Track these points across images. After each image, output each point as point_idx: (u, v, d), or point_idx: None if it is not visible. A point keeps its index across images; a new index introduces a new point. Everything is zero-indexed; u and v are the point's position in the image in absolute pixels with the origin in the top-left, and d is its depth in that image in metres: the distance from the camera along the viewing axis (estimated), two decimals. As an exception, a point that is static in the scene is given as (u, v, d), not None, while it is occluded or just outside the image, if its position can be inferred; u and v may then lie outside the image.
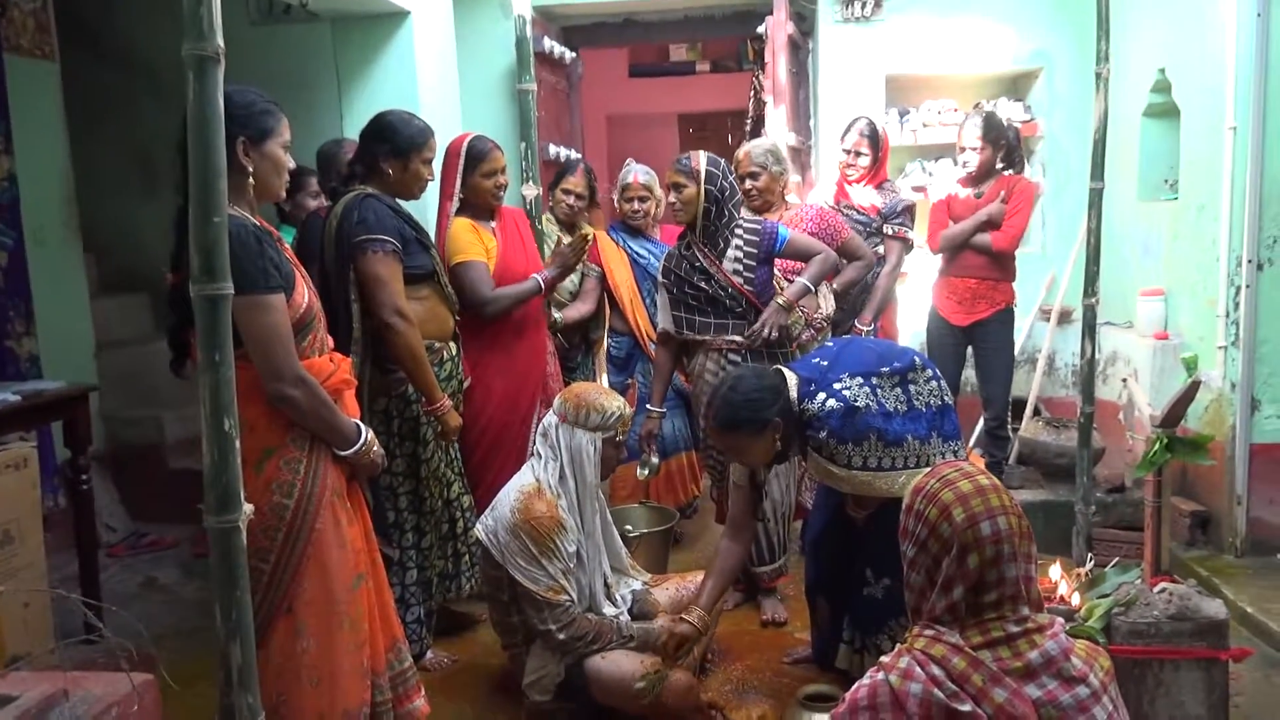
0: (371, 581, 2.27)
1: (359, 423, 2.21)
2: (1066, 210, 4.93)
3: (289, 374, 2.03)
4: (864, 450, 2.49)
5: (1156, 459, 2.57)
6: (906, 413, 2.55)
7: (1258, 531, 3.71)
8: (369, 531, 2.34)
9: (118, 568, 4.09)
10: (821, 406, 2.52)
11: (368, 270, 2.72)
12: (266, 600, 2.06)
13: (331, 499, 2.13)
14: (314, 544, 2.08)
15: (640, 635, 2.73)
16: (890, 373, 2.59)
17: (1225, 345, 3.73)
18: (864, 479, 2.51)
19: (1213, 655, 2.35)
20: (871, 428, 2.48)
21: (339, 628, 2.11)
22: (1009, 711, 1.44)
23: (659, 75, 9.50)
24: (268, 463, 2.06)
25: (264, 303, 1.99)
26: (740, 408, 2.55)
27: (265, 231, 2.07)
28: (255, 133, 2.04)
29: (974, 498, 1.52)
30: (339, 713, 2.12)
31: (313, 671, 2.08)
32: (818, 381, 2.59)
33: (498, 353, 3.34)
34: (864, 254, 3.70)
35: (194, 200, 1.42)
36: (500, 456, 3.34)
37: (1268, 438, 3.69)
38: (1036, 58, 4.95)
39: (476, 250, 3.26)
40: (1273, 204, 3.60)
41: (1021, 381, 4.82)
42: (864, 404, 2.51)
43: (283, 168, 2.13)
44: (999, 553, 1.49)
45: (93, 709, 1.67)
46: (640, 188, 3.97)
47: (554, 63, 5.11)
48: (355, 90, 4.10)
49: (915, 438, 2.53)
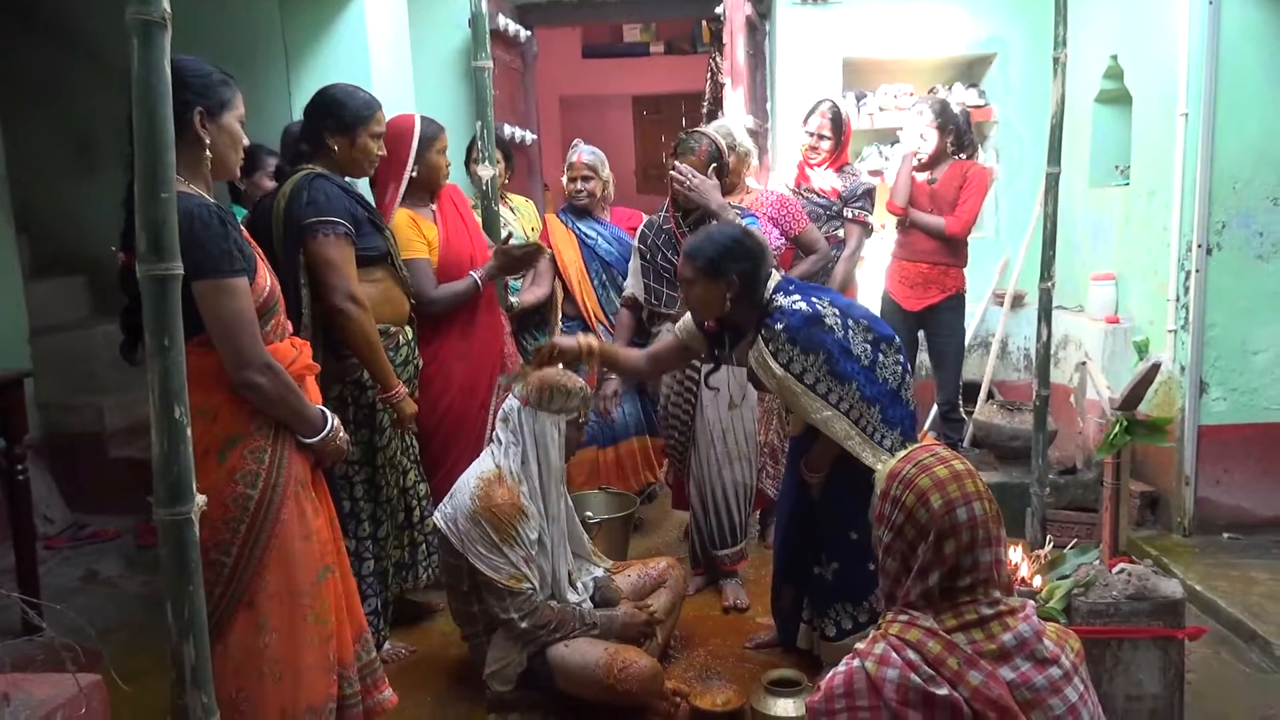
0: (338, 571, 2.21)
1: (324, 409, 2.15)
2: (1020, 195, 4.99)
3: (256, 360, 1.96)
4: (807, 362, 2.53)
5: (1117, 441, 2.61)
6: (865, 368, 2.58)
7: (1204, 511, 3.80)
8: (334, 521, 2.28)
9: (57, 560, 3.95)
10: (791, 303, 2.57)
11: (318, 253, 2.62)
12: (227, 593, 1.99)
13: (296, 489, 2.07)
14: (278, 535, 2.02)
15: (603, 623, 2.70)
16: (868, 326, 2.64)
17: (1175, 329, 3.80)
18: (793, 388, 2.54)
19: (1170, 634, 2.40)
20: (825, 346, 2.53)
21: (303, 621, 2.05)
22: (984, 694, 1.44)
23: (613, 56, 9.41)
24: (231, 452, 1.99)
25: (229, 287, 1.92)
26: (709, 245, 2.60)
27: (228, 212, 1.99)
28: (214, 104, 1.95)
29: (950, 484, 1.52)
30: (303, 708, 2.05)
31: (275, 666, 2.02)
32: (799, 288, 2.66)
33: (454, 337, 3.26)
34: (820, 247, 3.65)
35: (140, 175, 1.34)
36: (459, 443, 3.27)
37: (1215, 419, 3.78)
38: (991, 43, 4.98)
39: (417, 246, 3.17)
40: (1222, 189, 3.67)
41: (975, 365, 4.87)
42: (829, 324, 2.55)
43: (239, 142, 2.05)
44: (974, 538, 1.50)
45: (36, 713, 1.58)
46: (584, 167, 3.91)
47: (508, 41, 5.02)
48: (304, 66, 3.97)
49: (860, 391, 2.55)
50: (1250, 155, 3.66)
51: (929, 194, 4.15)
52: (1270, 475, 3.80)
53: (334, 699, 2.14)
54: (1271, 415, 3.78)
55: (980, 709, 1.44)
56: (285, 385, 2.01)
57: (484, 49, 3.44)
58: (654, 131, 10.59)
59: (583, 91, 9.49)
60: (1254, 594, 3.27)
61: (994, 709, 1.44)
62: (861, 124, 5.01)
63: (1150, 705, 2.44)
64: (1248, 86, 3.63)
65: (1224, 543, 3.72)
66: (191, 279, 1.86)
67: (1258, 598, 3.24)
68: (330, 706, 2.12)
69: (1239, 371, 3.76)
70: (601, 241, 3.92)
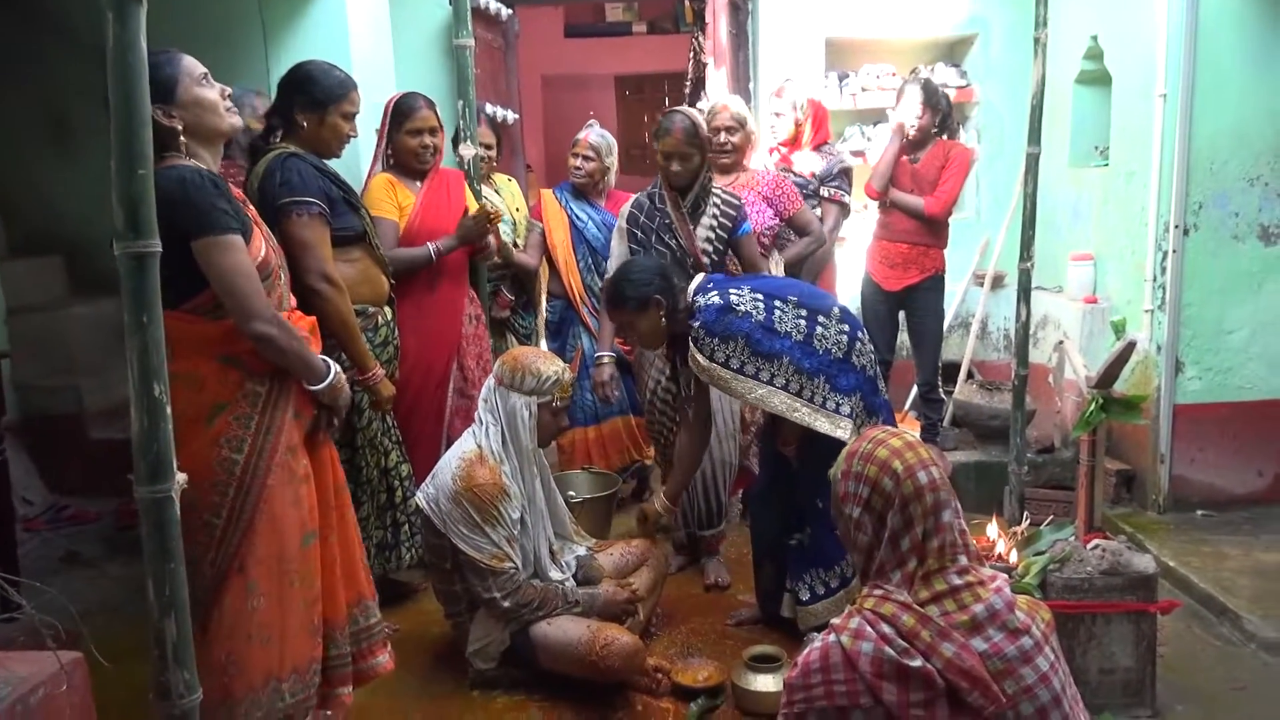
0: (337, 536, 2.26)
1: (327, 359, 2.20)
2: (1000, 176, 5.01)
3: (265, 311, 2.00)
4: (729, 349, 2.70)
5: (1092, 419, 2.64)
6: (799, 341, 2.70)
7: (1179, 489, 3.86)
8: (341, 487, 2.33)
9: (36, 542, 3.92)
10: (707, 300, 2.76)
11: (292, 234, 2.57)
12: (219, 556, 2.04)
13: (285, 457, 2.09)
14: (266, 500, 2.05)
15: (585, 601, 2.72)
16: (799, 303, 2.76)
17: (1152, 309, 3.84)
18: (721, 375, 2.72)
19: (1143, 608, 2.44)
20: (741, 331, 2.69)
21: (289, 585, 2.09)
22: (957, 665, 1.48)
23: (595, 35, 9.35)
24: (218, 418, 2.02)
25: (226, 243, 1.95)
26: (624, 284, 2.82)
27: (219, 177, 2.00)
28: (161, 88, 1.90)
29: (906, 451, 1.59)
30: (288, 669, 2.10)
31: (263, 630, 2.06)
32: (718, 284, 2.83)
33: (408, 311, 3.16)
34: (814, 229, 3.66)
35: (117, 152, 1.33)
36: (416, 421, 3.24)
37: (1190, 398, 3.82)
38: (973, 23, 4.98)
39: (385, 207, 3.15)
40: (1200, 170, 3.70)
41: (956, 346, 4.90)
42: (744, 310, 2.70)
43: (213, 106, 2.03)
44: (937, 500, 1.55)
45: (16, 690, 1.58)
46: (588, 146, 3.89)
47: (490, 19, 4.97)
48: (283, 44, 3.91)
49: (794, 364, 2.67)
50: (1227, 136, 3.69)
51: (911, 174, 4.15)
52: (1243, 453, 3.86)
53: (317, 660, 2.18)
54: (1245, 394, 3.83)
55: (953, 680, 1.47)
56: (294, 335, 2.07)
57: (465, 27, 3.42)
58: (637, 111, 10.55)
59: (565, 71, 9.44)
60: (1225, 569, 3.33)
61: (966, 679, 1.47)
62: (844, 104, 5.01)
63: (1123, 678, 2.49)
64: (1225, 68, 3.65)
65: (1197, 520, 3.78)
66: (191, 239, 1.92)
67: (1229, 573, 3.30)
68: (314, 668, 2.16)
69: (1214, 351, 3.81)
70: (591, 226, 3.91)
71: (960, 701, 1.48)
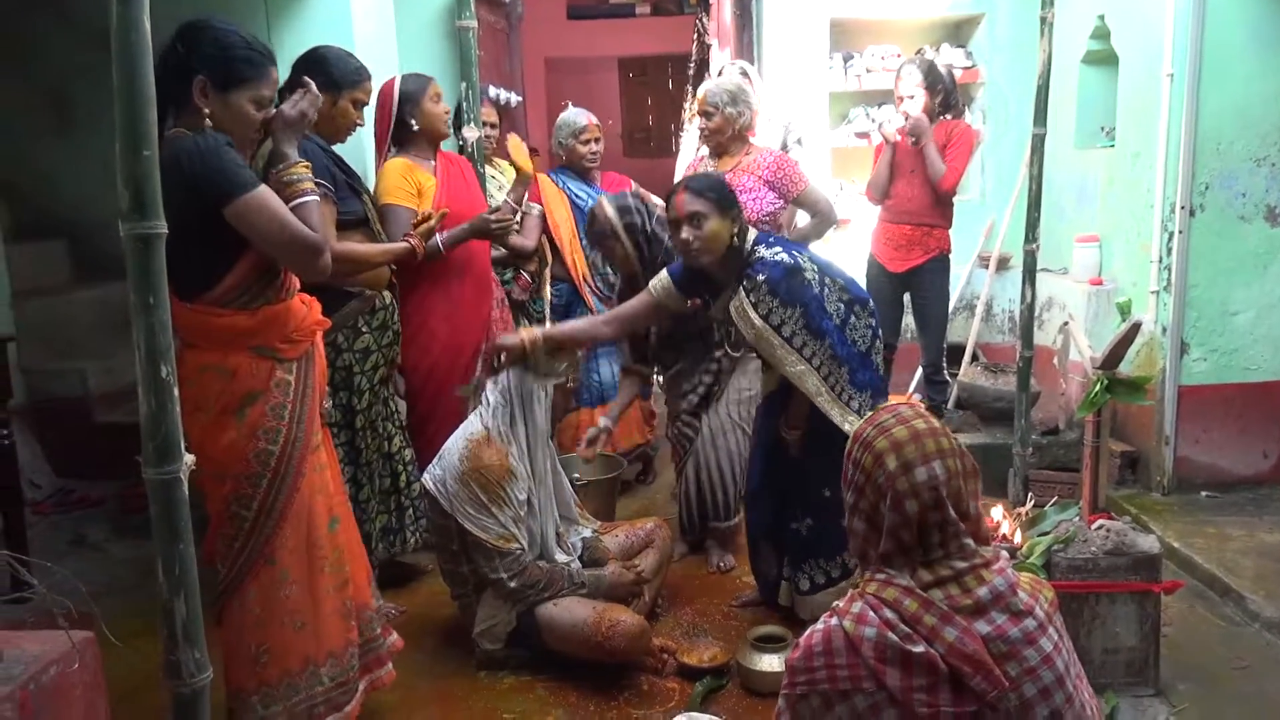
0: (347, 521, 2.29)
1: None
2: (1006, 157, 4.98)
3: (323, 242, 2.02)
4: (786, 314, 2.56)
5: (1097, 400, 2.64)
6: (838, 326, 2.62)
7: (1183, 470, 3.85)
8: (338, 473, 2.34)
9: (44, 525, 3.93)
10: (773, 254, 2.60)
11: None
12: (248, 547, 2.04)
13: (317, 445, 2.12)
14: (300, 490, 2.07)
15: (591, 582, 2.74)
16: (844, 287, 2.69)
17: (1158, 290, 3.83)
18: (771, 340, 2.57)
19: (1146, 588, 2.44)
20: (804, 300, 2.56)
21: (320, 571, 2.12)
22: (960, 649, 1.47)
23: (598, 17, 9.30)
24: (250, 409, 2.02)
25: (260, 196, 1.94)
26: (714, 181, 2.69)
27: (223, 135, 1.98)
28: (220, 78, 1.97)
29: (908, 444, 1.51)
30: (324, 653, 2.13)
31: (296, 616, 2.09)
32: (779, 240, 2.71)
33: (437, 297, 3.21)
34: (823, 208, 3.61)
35: (121, 132, 1.33)
36: (444, 404, 3.26)
37: (1195, 380, 3.81)
38: (979, 3, 4.95)
39: (402, 195, 3.11)
40: (1206, 151, 3.68)
41: (960, 327, 4.90)
42: (809, 277, 2.59)
43: (248, 125, 2.07)
44: (938, 497, 1.49)
45: (30, 668, 1.59)
46: (595, 129, 3.96)
47: (493, 1, 4.95)
48: (286, 25, 3.89)
49: (831, 349, 2.58)
50: (1233, 116, 3.67)
51: (914, 154, 4.14)
52: (1248, 435, 3.86)
53: (354, 644, 2.21)
54: (1250, 375, 3.82)
55: (956, 664, 1.46)
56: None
57: (468, 8, 3.40)
58: (640, 94, 10.50)
59: (568, 53, 9.38)
60: (1229, 550, 3.33)
61: (969, 664, 1.46)
62: (849, 85, 4.99)
63: (1127, 658, 2.50)
64: (1233, 48, 3.62)
65: (1202, 501, 3.78)
66: (222, 206, 1.89)
67: (1232, 554, 3.30)
68: (352, 650, 2.19)
69: (1219, 332, 3.80)
70: (591, 203, 3.91)
71: (963, 685, 1.47)
